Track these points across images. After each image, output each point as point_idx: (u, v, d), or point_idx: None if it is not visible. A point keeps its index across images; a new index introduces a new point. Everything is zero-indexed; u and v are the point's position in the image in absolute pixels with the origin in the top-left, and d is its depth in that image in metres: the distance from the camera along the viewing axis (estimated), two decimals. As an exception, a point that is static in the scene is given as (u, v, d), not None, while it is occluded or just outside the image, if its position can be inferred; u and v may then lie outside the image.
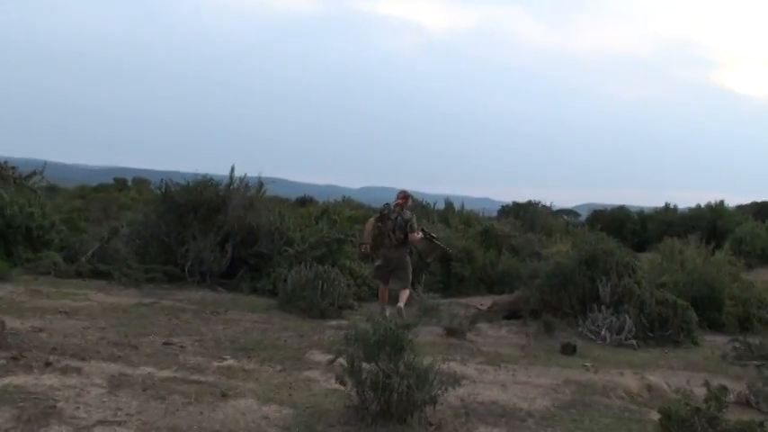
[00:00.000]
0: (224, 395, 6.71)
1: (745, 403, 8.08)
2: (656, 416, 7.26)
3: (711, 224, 29.97)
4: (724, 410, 6.21)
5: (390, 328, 6.29)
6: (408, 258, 12.72)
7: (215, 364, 8.06)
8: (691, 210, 33.58)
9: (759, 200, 37.60)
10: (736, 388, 8.24)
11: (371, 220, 12.84)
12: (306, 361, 8.57)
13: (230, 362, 8.25)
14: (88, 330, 9.30)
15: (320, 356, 8.53)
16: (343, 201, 31.25)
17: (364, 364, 6.27)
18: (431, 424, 6.41)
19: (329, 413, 6.47)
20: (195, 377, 7.32)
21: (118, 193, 32.86)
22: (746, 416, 7.55)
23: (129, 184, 38.61)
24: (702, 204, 33.44)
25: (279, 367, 8.19)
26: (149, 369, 7.49)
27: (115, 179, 39.62)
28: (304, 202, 33.21)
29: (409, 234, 12.33)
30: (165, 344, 8.85)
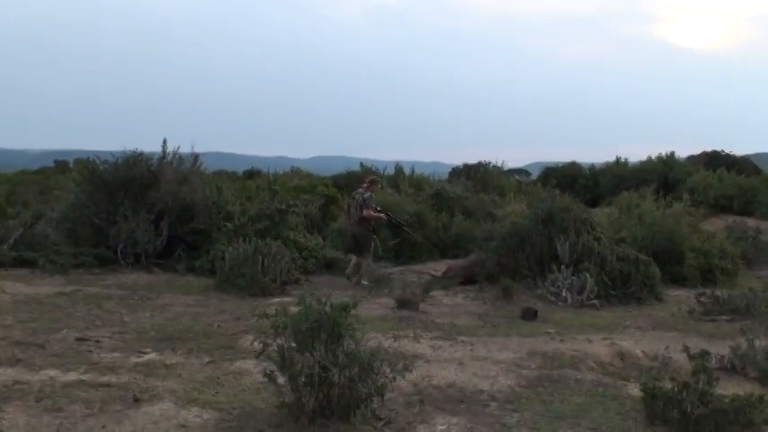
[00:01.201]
0: (136, 400, 5.63)
1: (729, 368, 7.23)
2: (633, 389, 6.48)
3: (663, 176, 29.41)
4: (715, 384, 5.33)
5: (325, 312, 5.26)
6: (367, 233, 13.44)
7: (133, 360, 6.97)
8: (642, 163, 33.02)
9: (709, 149, 37.19)
10: (713, 349, 7.36)
11: (346, 201, 14.26)
12: (239, 349, 7.53)
13: (151, 356, 7.16)
14: (-10, 329, 8.14)
15: (256, 344, 7.47)
16: (291, 171, 30.21)
17: (297, 355, 5.23)
18: (379, 419, 5.42)
19: (260, 414, 5.46)
20: (105, 379, 6.22)
21: (60, 175, 31.34)
22: (732, 383, 6.80)
23: (72, 165, 36.94)
24: (653, 157, 32.91)
25: (207, 359, 7.16)
26: (52, 373, 6.36)
27: (56, 161, 37.94)
28: (251, 174, 32.07)
29: (364, 210, 13.27)
30: (78, 339, 7.71)
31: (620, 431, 5.53)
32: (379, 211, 13.70)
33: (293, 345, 5.28)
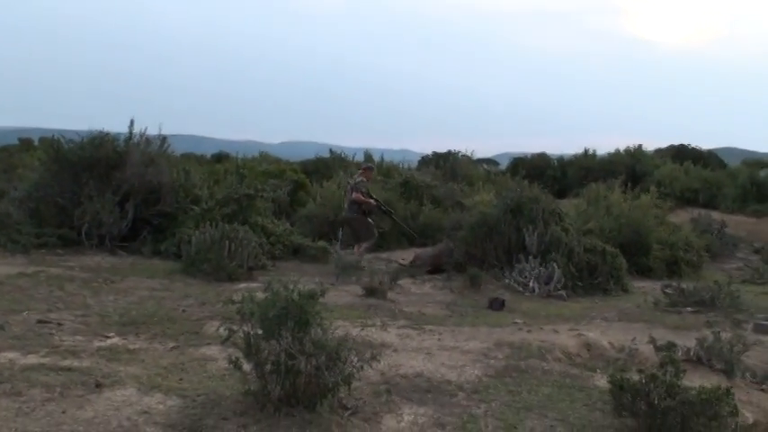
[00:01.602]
0: (98, 385, 5.49)
1: (695, 360, 7.23)
2: (599, 380, 6.46)
3: (631, 168, 29.62)
4: (682, 375, 5.31)
5: (293, 299, 5.17)
6: (360, 218, 13.96)
7: (96, 344, 6.83)
8: (610, 155, 33.21)
9: (676, 143, 37.52)
10: (679, 340, 7.37)
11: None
12: (204, 335, 7.41)
13: (114, 340, 7.03)
14: (-54, 311, 7.96)
15: (222, 330, 7.36)
16: (260, 156, 30.05)
17: (264, 343, 5.14)
18: (346, 408, 5.33)
19: (224, 401, 5.34)
20: (67, 363, 6.07)
21: (24, 153, 30.79)
22: (698, 374, 6.82)
23: (36, 143, 36.31)
24: (621, 149, 33.11)
25: (171, 344, 7.03)
26: (11, 355, 6.18)
27: (20, 139, 37.28)
28: (220, 158, 31.86)
29: (354, 193, 13.87)
30: (39, 322, 7.54)
31: (587, 422, 5.50)
32: (369, 197, 14.10)
33: (259, 332, 5.17)
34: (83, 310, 8.39)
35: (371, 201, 14.14)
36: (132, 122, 14.40)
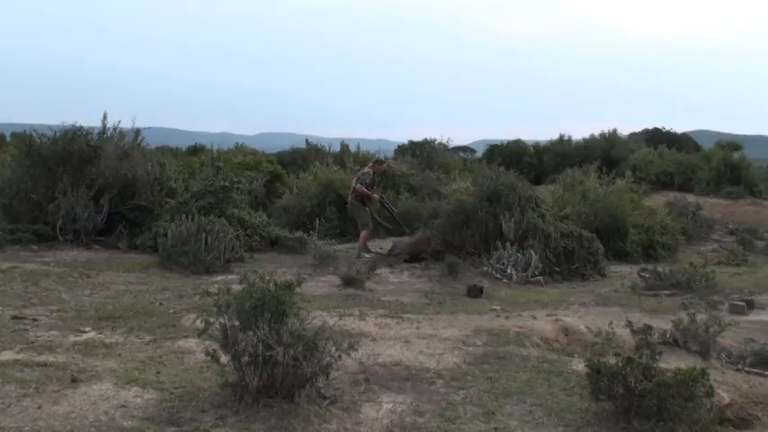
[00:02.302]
0: (74, 380, 5.45)
1: (671, 343, 7.29)
2: (577, 364, 6.49)
3: (606, 153, 29.77)
4: (658, 358, 5.34)
5: (269, 290, 5.15)
6: (360, 207, 14.42)
7: (71, 339, 6.76)
8: (585, 140, 33.37)
9: (650, 127, 37.71)
10: (656, 323, 7.43)
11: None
12: (181, 328, 7.39)
13: (90, 335, 6.97)
14: None
15: (198, 322, 7.33)
16: (235, 147, 29.95)
17: (241, 334, 5.12)
18: (324, 398, 5.32)
19: (202, 393, 5.32)
20: (42, 358, 6.02)
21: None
22: (674, 357, 6.88)
23: (8, 139, 35.95)
24: (596, 134, 33.25)
25: (148, 338, 7.00)
26: (-14, 352, 6.17)
27: (-9, 134, 36.88)
28: (195, 150, 31.68)
29: (357, 185, 14.38)
30: (14, 318, 7.45)
31: (566, 406, 5.53)
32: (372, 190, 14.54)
33: (236, 323, 5.16)
34: (58, 305, 8.31)
35: (375, 196, 14.66)
36: (105, 116, 14.27)
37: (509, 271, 11.95)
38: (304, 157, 25.81)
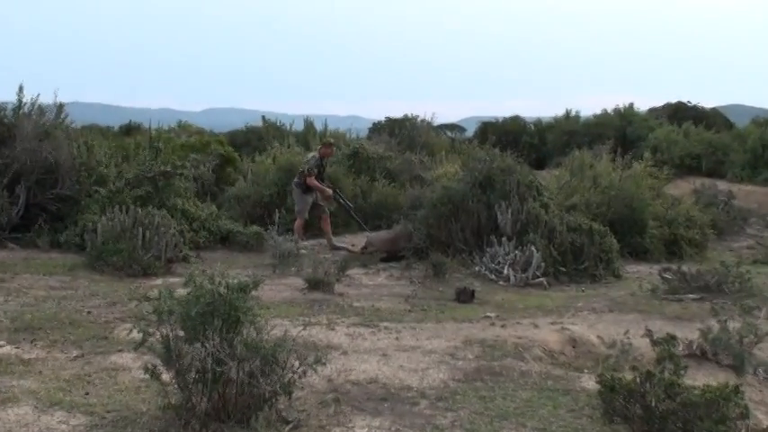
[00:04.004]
0: (-14, 404, 5.49)
1: (699, 355, 7.38)
2: (587, 381, 6.55)
3: (621, 132, 29.94)
4: (683, 373, 5.41)
5: (220, 294, 5.17)
6: (299, 191, 15.04)
7: (-19, 355, 6.81)
8: (596, 116, 33.54)
9: (674, 100, 37.91)
10: (680, 332, 7.51)
11: None
12: (114, 340, 7.45)
13: (5, 349, 7.02)
14: None
15: (135, 333, 7.37)
16: (178, 126, 29.91)
17: (186, 347, 5.14)
18: (286, 422, 5.37)
19: (140, 418, 5.36)
20: (-53, 378, 6.06)
21: None
22: (702, 372, 6.97)
23: None
24: (609, 110, 33.43)
25: (75, 352, 7.06)
26: None
27: None
28: (130, 129, 31.62)
29: (307, 179, 14.88)
30: None
31: (573, 430, 5.59)
32: (320, 180, 15.01)
33: (181, 334, 5.19)
34: (-34, 315, 8.33)
35: (327, 189, 15.16)
36: (21, 88, 14.25)
37: (506, 271, 12.01)
38: (260, 136, 25.83)
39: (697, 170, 27.38)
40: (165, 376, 5.21)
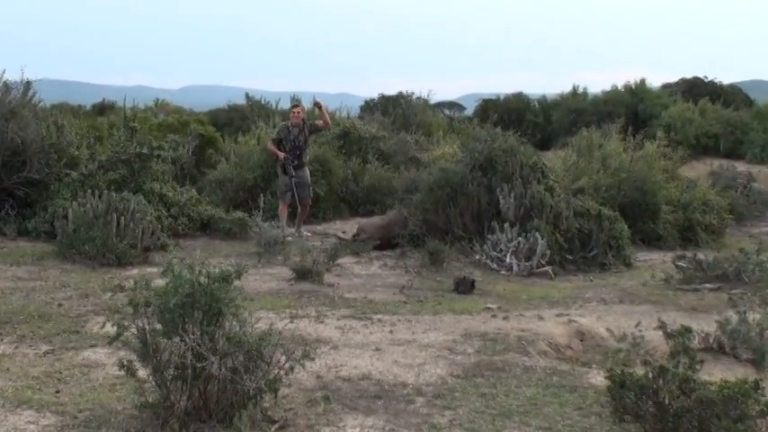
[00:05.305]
0: (-51, 404, 5.50)
1: (716, 349, 7.39)
2: (596, 377, 6.58)
3: (632, 109, 29.94)
4: (699, 368, 5.42)
5: (200, 284, 5.17)
6: (278, 171, 14.98)
7: (-56, 351, 6.82)
8: (605, 93, 33.54)
9: (689, 75, 37.92)
10: (696, 325, 7.53)
11: None
12: (87, 335, 7.47)
13: (-31, 345, 7.02)
14: None
15: (109, 326, 7.38)
16: (155, 104, 29.89)
17: (164, 341, 5.14)
18: (272, 421, 5.38)
19: (115, 417, 5.37)
20: None
21: None
22: (720, 367, 6.98)
23: None
24: (620, 86, 33.43)
25: (44, 348, 7.08)
26: None
27: None
28: (103, 108, 31.60)
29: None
30: None
31: (581, 430, 5.60)
32: (279, 148, 14.81)
33: (158, 327, 5.19)
34: (-73, 308, 8.34)
35: (280, 153, 14.80)
36: (-14, 65, 14.23)
37: (508, 260, 12.03)
38: (244, 116, 25.80)
39: (714, 151, 27.44)
40: (142, 373, 5.22)
